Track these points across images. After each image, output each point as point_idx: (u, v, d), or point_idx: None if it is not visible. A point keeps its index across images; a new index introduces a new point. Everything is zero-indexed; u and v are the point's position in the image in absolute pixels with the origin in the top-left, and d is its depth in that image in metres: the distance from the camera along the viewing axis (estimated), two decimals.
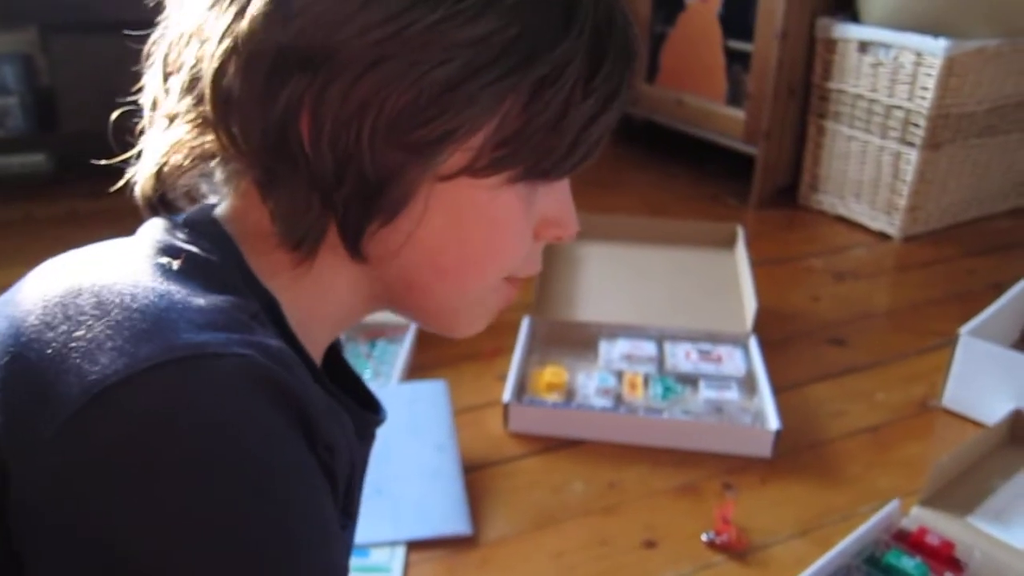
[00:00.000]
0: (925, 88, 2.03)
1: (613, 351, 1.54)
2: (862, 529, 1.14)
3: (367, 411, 0.56)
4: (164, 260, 0.44)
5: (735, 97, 2.37)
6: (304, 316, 0.48)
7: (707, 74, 2.41)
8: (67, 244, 0.50)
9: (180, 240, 0.46)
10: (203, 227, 0.48)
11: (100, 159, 0.57)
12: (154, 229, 0.47)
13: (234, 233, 0.48)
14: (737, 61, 2.35)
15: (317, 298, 0.50)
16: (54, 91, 2.24)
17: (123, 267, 0.43)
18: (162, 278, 0.42)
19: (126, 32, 0.53)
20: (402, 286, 0.51)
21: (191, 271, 0.43)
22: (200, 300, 0.41)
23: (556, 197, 0.53)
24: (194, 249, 0.45)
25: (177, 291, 0.41)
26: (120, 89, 0.53)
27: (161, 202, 0.50)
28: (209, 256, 0.45)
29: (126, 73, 0.53)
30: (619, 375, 1.49)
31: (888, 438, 1.43)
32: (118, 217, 0.58)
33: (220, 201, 0.51)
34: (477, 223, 0.49)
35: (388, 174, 0.45)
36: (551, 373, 1.46)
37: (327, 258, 0.48)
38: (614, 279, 1.78)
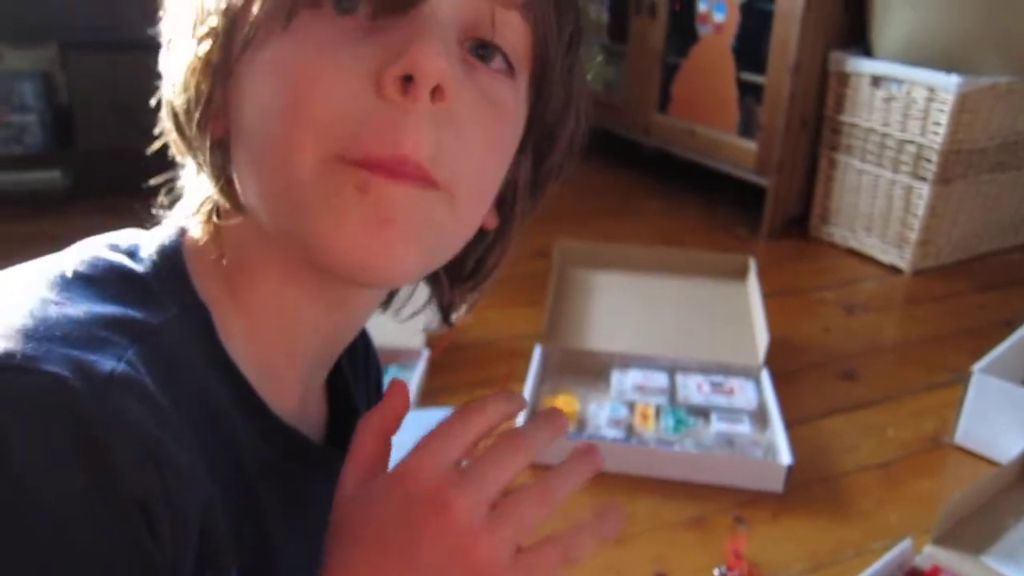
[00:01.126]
0: (937, 123, 2.05)
1: (625, 381, 1.55)
2: (875, 567, 1.13)
3: (332, 447, 0.52)
4: (66, 269, 0.41)
5: (747, 128, 2.38)
6: (249, 326, 0.46)
7: (719, 105, 2.43)
8: None
9: (110, 251, 0.44)
10: (159, 239, 0.46)
11: (116, 176, 0.55)
12: (95, 239, 0.46)
13: (190, 247, 0.46)
14: (749, 93, 2.36)
15: (250, 294, 0.46)
16: (72, 109, 2.26)
17: (26, 274, 0.41)
18: (47, 286, 0.40)
19: (145, 51, 0.53)
20: (258, 210, 0.44)
21: (98, 280, 0.41)
22: (64, 309, 0.38)
23: (400, 35, 0.40)
24: (119, 259, 0.43)
25: (45, 298, 0.38)
26: (138, 108, 0.53)
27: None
28: (136, 268, 0.43)
29: (144, 92, 0.53)
30: (631, 406, 1.49)
31: (900, 474, 1.43)
32: None
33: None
34: (259, 80, 0.41)
35: (183, 90, 0.43)
36: (563, 402, 1.47)
37: (241, 242, 0.45)
38: (626, 308, 1.79)
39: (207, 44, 0.42)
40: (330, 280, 0.45)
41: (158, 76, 0.47)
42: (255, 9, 0.40)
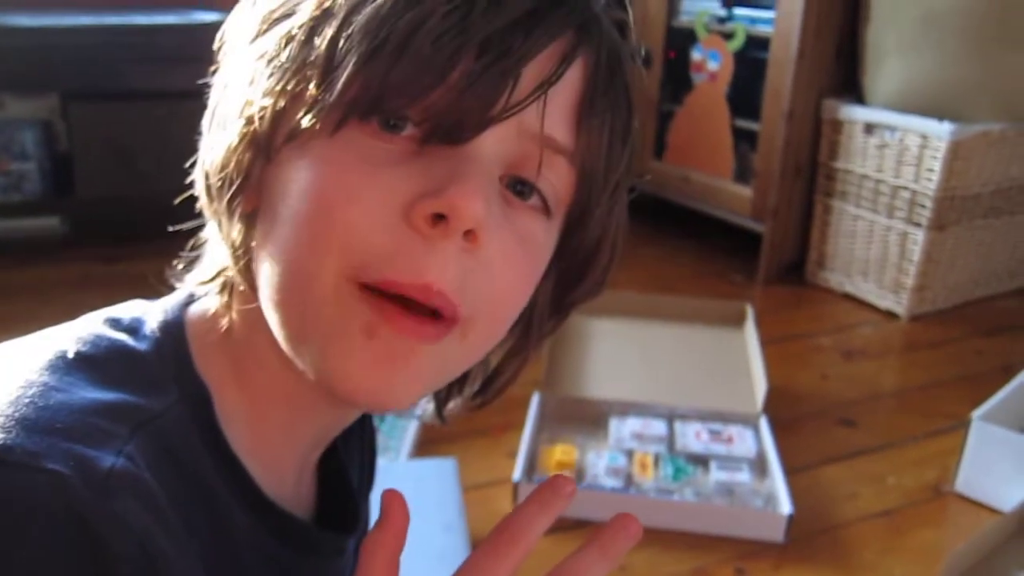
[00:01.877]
0: (931, 170, 2.06)
1: (623, 429, 1.54)
2: None
3: (329, 530, 0.51)
4: (68, 349, 0.41)
5: (742, 175, 2.40)
6: (250, 407, 0.45)
7: (714, 152, 2.45)
8: (79, 308, 0.50)
9: (112, 329, 0.44)
10: (162, 312, 0.46)
11: (114, 224, 0.54)
12: (97, 313, 0.46)
13: (196, 320, 0.46)
14: (744, 140, 2.38)
15: (253, 375, 0.45)
16: (72, 157, 2.27)
17: (28, 353, 0.41)
18: (48, 369, 0.39)
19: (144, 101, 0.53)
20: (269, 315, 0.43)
21: (101, 362, 0.41)
22: (64, 397, 0.38)
23: (443, 168, 0.39)
24: (121, 337, 0.43)
25: (47, 384, 0.38)
26: (136, 157, 0.53)
27: None
28: (137, 347, 0.43)
29: (142, 141, 0.53)
30: (629, 454, 1.48)
31: (902, 523, 1.42)
32: (130, 281, 0.58)
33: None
34: (295, 180, 0.40)
35: (221, 167, 0.43)
36: (561, 451, 1.45)
37: (246, 323, 0.45)
38: (624, 356, 1.78)
39: (254, 126, 0.41)
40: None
41: (157, 126, 0.47)
42: (305, 108, 0.40)
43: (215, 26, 0.46)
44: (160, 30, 2.26)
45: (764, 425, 1.56)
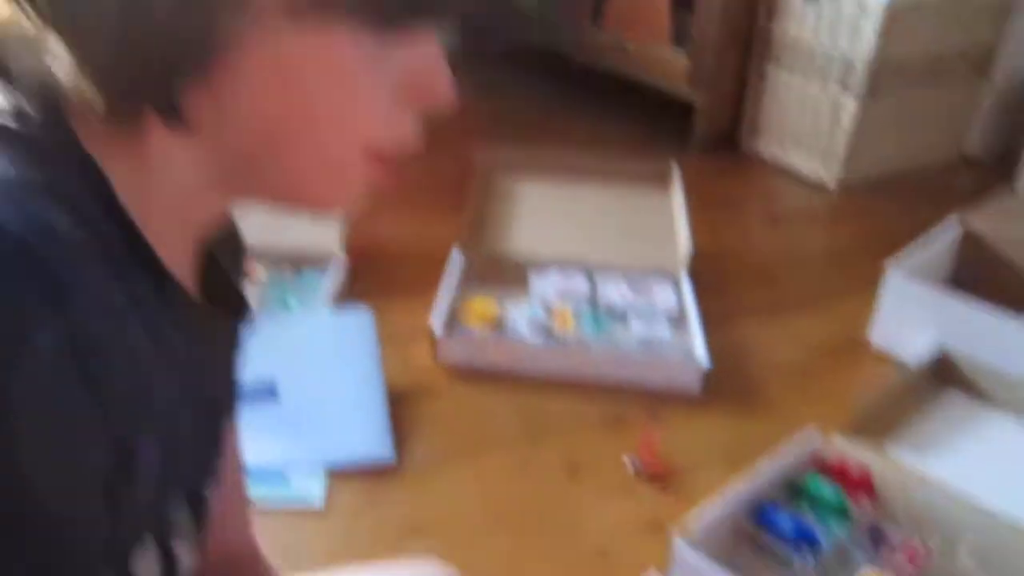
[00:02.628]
0: (866, 37, 2.03)
1: (545, 285, 1.52)
2: (782, 456, 1.14)
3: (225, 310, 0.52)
4: None
5: (679, 41, 2.34)
6: (143, 200, 0.43)
7: (651, 19, 2.38)
8: None
9: None
10: (33, 90, 0.42)
11: None
12: None
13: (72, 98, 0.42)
14: (682, 5, 2.32)
15: (154, 179, 0.44)
16: None
17: None
18: None
19: None
20: (243, 159, 0.45)
21: None
22: None
23: (422, 57, 0.45)
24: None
25: None
26: None
27: None
28: (22, 125, 0.40)
29: None
30: (550, 309, 1.47)
31: (815, 374, 1.45)
32: None
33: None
34: (312, 77, 0.42)
35: (183, 18, 0.38)
36: (481, 304, 1.44)
37: (158, 131, 0.43)
38: (549, 215, 1.76)
39: None
40: (241, 182, 0.46)
41: None
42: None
43: None
44: None
45: (685, 280, 1.56)
